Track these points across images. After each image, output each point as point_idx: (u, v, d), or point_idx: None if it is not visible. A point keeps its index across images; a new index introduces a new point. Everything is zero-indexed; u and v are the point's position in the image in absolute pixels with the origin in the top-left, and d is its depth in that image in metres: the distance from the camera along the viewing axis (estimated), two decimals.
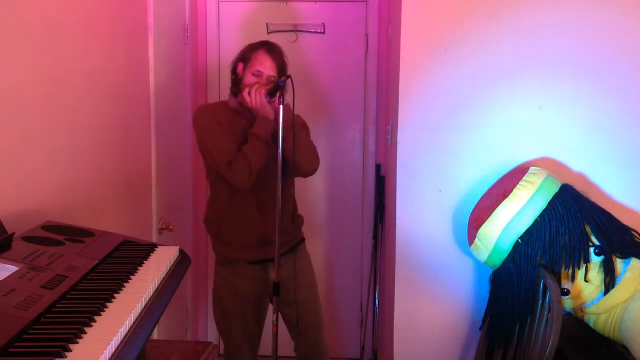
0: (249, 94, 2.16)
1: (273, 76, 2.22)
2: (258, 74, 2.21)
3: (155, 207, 2.53)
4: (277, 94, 2.10)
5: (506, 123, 2.35)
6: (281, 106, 2.08)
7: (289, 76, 2.12)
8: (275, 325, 2.20)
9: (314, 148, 2.32)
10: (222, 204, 2.30)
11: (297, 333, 2.40)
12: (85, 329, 0.98)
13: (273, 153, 2.17)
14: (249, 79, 2.22)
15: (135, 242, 1.52)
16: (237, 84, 2.28)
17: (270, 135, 2.16)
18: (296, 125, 2.21)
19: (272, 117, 2.14)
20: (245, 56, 2.27)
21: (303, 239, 2.45)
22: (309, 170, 2.32)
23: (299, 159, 2.23)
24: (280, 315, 2.28)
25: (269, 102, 2.15)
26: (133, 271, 1.30)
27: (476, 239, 2.18)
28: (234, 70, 2.31)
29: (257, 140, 2.16)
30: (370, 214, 3.38)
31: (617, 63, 2.29)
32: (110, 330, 0.99)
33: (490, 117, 2.35)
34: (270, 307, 2.35)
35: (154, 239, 2.51)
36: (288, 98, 2.13)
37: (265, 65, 2.21)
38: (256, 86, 2.17)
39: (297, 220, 2.41)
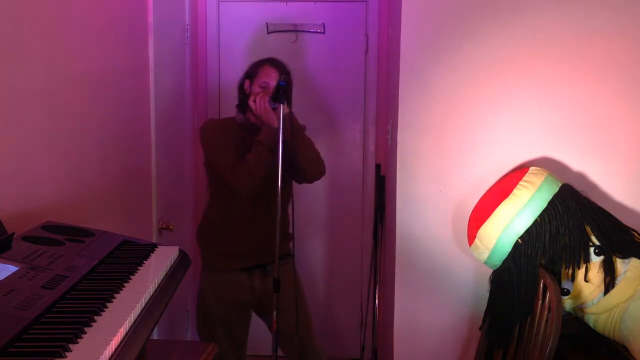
0: (254, 101, 2.26)
1: None
2: (265, 85, 2.31)
3: (155, 207, 2.53)
4: (280, 98, 2.14)
5: (506, 123, 2.35)
6: (281, 105, 2.12)
7: (288, 73, 2.15)
8: (276, 323, 2.21)
9: (318, 153, 2.37)
10: (218, 215, 2.38)
11: (284, 341, 2.39)
12: (85, 329, 0.98)
13: (276, 160, 2.21)
14: (256, 90, 2.32)
15: (135, 242, 1.52)
16: (244, 100, 2.36)
17: (274, 142, 2.19)
18: (301, 131, 2.25)
19: (276, 124, 2.18)
20: (251, 72, 2.39)
21: (291, 255, 2.48)
22: (316, 174, 2.38)
23: (306, 163, 2.29)
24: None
25: (273, 109, 2.21)
26: (133, 271, 1.30)
27: (476, 238, 2.18)
28: (240, 88, 2.41)
29: (260, 146, 2.22)
30: (370, 214, 3.37)
31: (618, 62, 2.29)
32: (110, 330, 0.99)
33: (490, 117, 2.35)
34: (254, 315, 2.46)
35: (154, 239, 2.51)
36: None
37: (271, 77, 2.32)
38: (261, 94, 2.27)
39: (288, 236, 2.45)
